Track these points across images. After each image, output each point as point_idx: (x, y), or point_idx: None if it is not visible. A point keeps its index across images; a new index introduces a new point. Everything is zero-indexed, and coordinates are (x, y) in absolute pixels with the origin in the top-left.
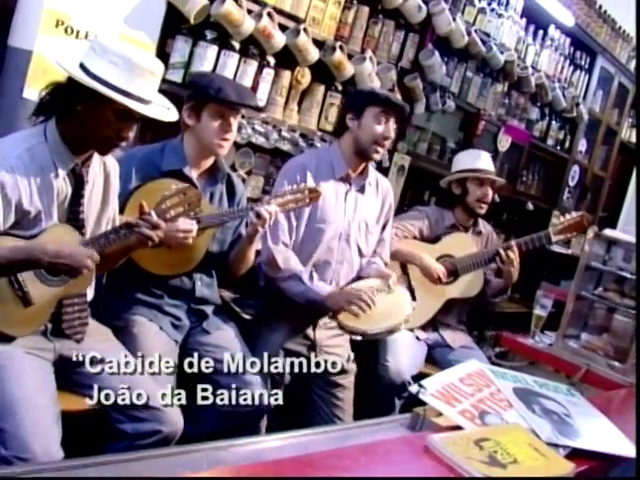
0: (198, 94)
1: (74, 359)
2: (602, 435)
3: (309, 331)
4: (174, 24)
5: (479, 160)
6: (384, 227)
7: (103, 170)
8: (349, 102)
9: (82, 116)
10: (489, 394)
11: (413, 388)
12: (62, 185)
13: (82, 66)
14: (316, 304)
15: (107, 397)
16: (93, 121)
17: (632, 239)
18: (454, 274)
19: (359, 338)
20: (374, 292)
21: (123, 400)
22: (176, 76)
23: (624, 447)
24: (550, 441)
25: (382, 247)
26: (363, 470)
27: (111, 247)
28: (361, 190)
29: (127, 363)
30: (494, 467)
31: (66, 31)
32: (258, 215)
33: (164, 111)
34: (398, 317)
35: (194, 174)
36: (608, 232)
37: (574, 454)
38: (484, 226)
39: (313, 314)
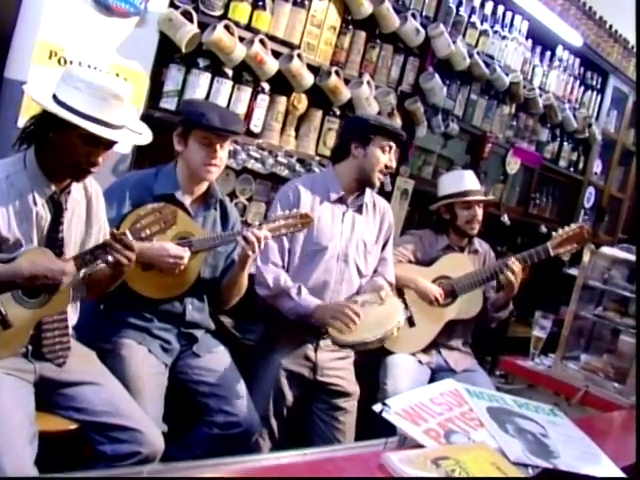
0: (185, 120)
1: (55, 380)
2: (580, 456)
3: (310, 353)
4: (167, 53)
5: (463, 181)
6: (384, 246)
7: (84, 195)
8: (354, 129)
9: (54, 143)
10: (460, 413)
11: (377, 407)
12: (41, 212)
13: (54, 95)
14: (306, 318)
15: (87, 418)
16: (63, 147)
17: (631, 257)
18: (452, 295)
19: (350, 351)
20: (361, 304)
21: (103, 422)
22: (170, 104)
23: (603, 469)
24: (519, 461)
25: (384, 266)
26: None
27: (89, 268)
28: (358, 210)
29: (108, 386)
30: None
31: (59, 62)
32: (246, 239)
33: (134, 136)
34: (388, 325)
35: (187, 200)
36: (606, 250)
37: (547, 474)
38: (480, 245)
39: (313, 335)
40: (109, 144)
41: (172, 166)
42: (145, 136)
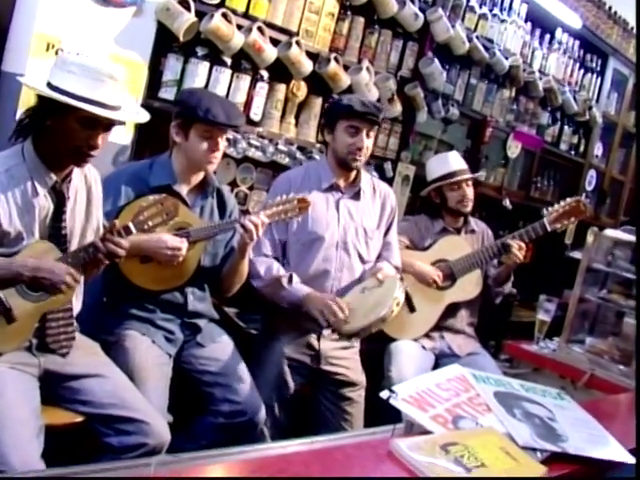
0: (186, 113)
1: (60, 373)
2: (588, 439)
3: (314, 341)
4: (165, 42)
5: (448, 163)
6: (388, 231)
7: (84, 182)
8: (324, 115)
9: (52, 130)
10: (467, 399)
11: (384, 394)
12: (43, 203)
13: (48, 82)
14: (298, 307)
15: (92, 411)
16: (61, 133)
17: (635, 239)
18: (451, 278)
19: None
20: (363, 294)
21: (108, 414)
22: (169, 94)
23: (611, 451)
24: (527, 445)
25: (389, 251)
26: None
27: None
28: (355, 197)
29: (113, 377)
30: (457, 472)
31: (57, 54)
32: (244, 227)
33: (132, 115)
34: (387, 303)
35: (184, 189)
36: (610, 232)
37: (556, 458)
38: (476, 224)
39: (316, 323)
40: (107, 126)
41: (167, 156)
42: (142, 115)
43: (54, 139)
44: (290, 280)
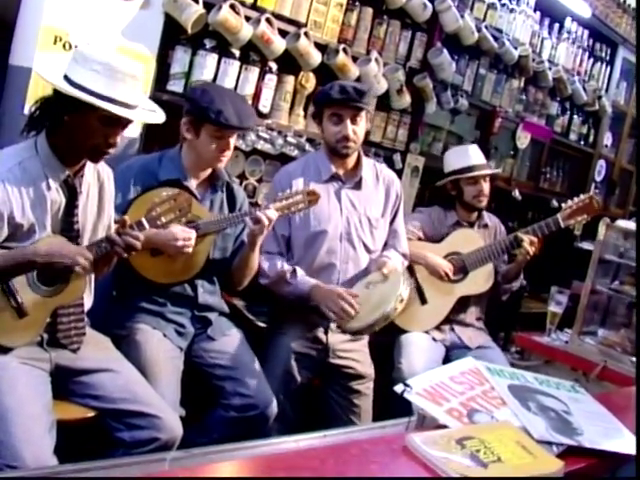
0: (197, 113)
1: (71, 368)
2: (603, 432)
3: (321, 335)
4: (173, 35)
5: (468, 157)
6: (394, 218)
7: (97, 179)
8: (314, 108)
9: (70, 126)
10: (481, 392)
11: (398, 387)
12: (55, 196)
13: (66, 77)
14: (305, 300)
15: (104, 406)
16: (80, 130)
17: None
18: (463, 271)
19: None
20: (367, 289)
21: (120, 408)
22: (177, 86)
23: (626, 444)
24: (543, 439)
25: (396, 238)
26: (331, 472)
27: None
28: (357, 186)
29: (124, 372)
30: (474, 466)
31: (64, 47)
32: (257, 221)
33: (150, 114)
34: (390, 301)
35: (193, 183)
36: (621, 223)
37: (572, 452)
38: (490, 218)
39: (324, 316)
40: (125, 124)
41: (177, 150)
42: (159, 114)
43: (72, 135)
44: (294, 274)
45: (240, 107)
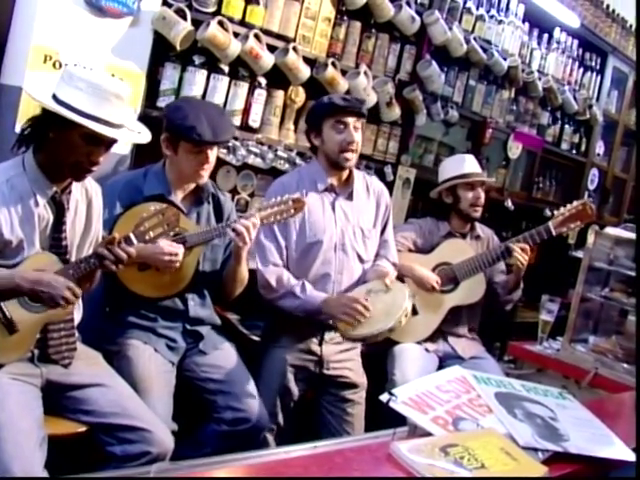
0: (172, 130)
1: (62, 383)
2: (590, 438)
3: (315, 347)
4: (162, 52)
5: (464, 164)
6: (384, 228)
7: (85, 195)
8: (307, 121)
9: (54, 143)
10: (468, 400)
11: (384, 397)
12: (43, 213)
13: (54, 96)
14: (314, 314)
15: (95, 420)
16: (63, 147)
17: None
18: (454, 281)
19: (360, 344)
20: (368, 296)
21: (111, 423)
22: (167, 103)
23: (614, 450)
24: (528, 445)
25: (386, 248)
26: None
27: (84, 274)
28: (349, 197)
29: (115, 387)
30: (457, 473)
31: (54, 66)
32: (235, 231)
33: (134, 134)
34: (396, 314)
35: (178, 197)
36: (610, 230)
37: (558, 458)
38: (482, 230)
39: (317, 328)
40: (110, 143)
41: (160, 166)
42: (144, 135)
43: (56, 151)
44: (303, 288)
45: (216, 121)
